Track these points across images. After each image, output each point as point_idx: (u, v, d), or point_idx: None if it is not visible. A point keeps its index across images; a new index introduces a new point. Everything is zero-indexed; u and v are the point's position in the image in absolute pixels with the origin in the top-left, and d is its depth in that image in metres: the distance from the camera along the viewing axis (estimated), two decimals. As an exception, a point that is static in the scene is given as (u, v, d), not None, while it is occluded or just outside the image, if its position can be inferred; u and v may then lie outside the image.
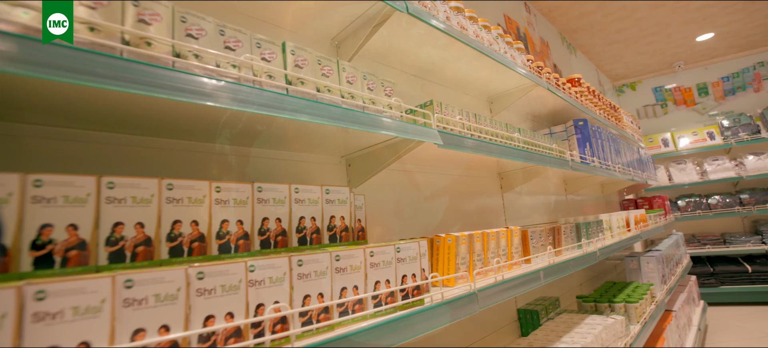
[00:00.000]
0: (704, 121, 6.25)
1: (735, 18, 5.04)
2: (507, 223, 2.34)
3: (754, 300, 5.11)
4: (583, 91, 2.96)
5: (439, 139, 1.22)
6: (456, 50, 1.78)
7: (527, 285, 1.36)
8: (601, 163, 2.59)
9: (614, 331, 1.82)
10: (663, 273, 2.91)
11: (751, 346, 3.66)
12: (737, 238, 5.48)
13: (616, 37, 5.22)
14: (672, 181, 5.90)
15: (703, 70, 6.37)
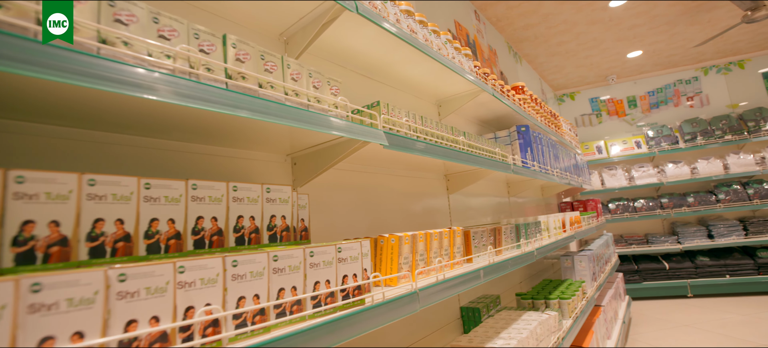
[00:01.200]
0: (633, 131, 6.80)
1: (659, 39, 5.53)
2: (452, 224, 2.41)
3: (670, 294, 5.64)
4: (526, 98, 3.11)
5: (385, 140, 1.23)
6: (405, 53, 1.81)
7: (468, 284, 1.40)
8: (540, 168, 2.74)
9: (548, 326, 1.93)
10: (594, 271, 3.13)
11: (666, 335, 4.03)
12: (658, 238, 6.01)
13: (558, 49, 5.54)
14: (604, 185, 6.36)
15: (633, 84, 6.93)
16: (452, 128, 1.72)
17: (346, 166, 1.75)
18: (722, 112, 6.40)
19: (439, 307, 2.15)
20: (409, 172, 2.16)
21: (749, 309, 4.74)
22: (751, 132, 5.89)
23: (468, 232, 1.63)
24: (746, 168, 5.72)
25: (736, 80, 6.48)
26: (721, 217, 5.99)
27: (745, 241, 5.53)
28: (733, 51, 6.35)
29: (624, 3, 4.47)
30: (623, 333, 3.90)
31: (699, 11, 4.89)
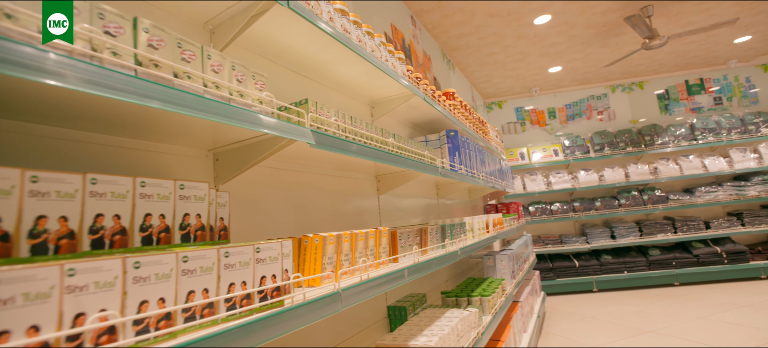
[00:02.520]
0: (552, 140, 7.38)
1: (575, 57, 6.06)
2: (382, 224, 2.44)
3: (579, 289, 6.21)
4: (457, 104, 3.25)
5: (312, 138, 1.22)
6: (338, 52, 1.80)
7: (392, 283, 1.43)
8: (467, 171, 2.87)
9: (469, 323, 2.03)
10: (513, 269, 3.35)
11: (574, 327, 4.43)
12: (570, 238, 6.58)
13: (488, 59, 5.85)
14: (526, 189, 6.83)
15: (553, 97, 7.52)
16: (382, 130, 1.74)
17: (276, 164, 1.71)
18: (625, 126, 7.18)
19: (366, 307, 2.17)
20: (341, 172, 2.16)
21: (642, 300, 5.35)
22: (647, 145, 6.67)
23: (395, 232, 1.67)
24: (642, 177, 6.46)
25: (637, 99, 7.31)
26: (621, 220, 6.71)
27: (640, 241, 6.25)
28: (635, 73, 7.14)
29: (547, 22, 4.84)
30: (538, 326, 4.22)
31: (609, 35, 5.43)
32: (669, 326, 4.23)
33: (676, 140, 6.61)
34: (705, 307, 4.78)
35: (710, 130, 6.58)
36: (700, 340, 3.75)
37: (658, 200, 6.36)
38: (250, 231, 1.54)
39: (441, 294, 2.59)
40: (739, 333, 3.83)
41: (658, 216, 6.69)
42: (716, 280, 5.95)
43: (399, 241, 1.68)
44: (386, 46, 2.18)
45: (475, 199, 4.60)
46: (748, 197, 6.16)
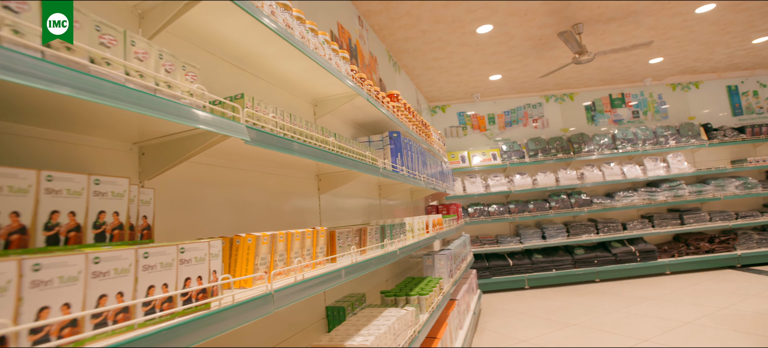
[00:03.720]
0: (490, 144, 7.73)
1: (514, 67, 6.40)
2: (322, 224, 2.42)
3: (513, 286, 6.55)
4: (400, 106, 3.30)
5: (247, 135, 1.18)
6: (280, 48, 1.76)
7: (329, 283, 1.42)
8: (409, 173, 2.92)
9: (406, 321, 2.07)
10: (451, 268, 3.46)
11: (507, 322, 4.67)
12: (505, 238, 6.93)
13: (433, 64, 6.00)
14: (466, 191, 7.09)
15: (493, 104, 7.88)
16: (323, 128, 1.72)
17: (211, 160, 1.63)
18: (557, 134, 7.69)
19: (304, 308, 2.14)
20: (281, 170, 2.11)
21: (568, 296, 5.77)
22: (575, 152, 7.20)
23: (333, 232, 1.66)
24: (571, 181, 6.96)
25: (568, 109, 7.86)
26: (551, 222, 7.18)
27: (567, 241, 6.73)
28: (567, 85, 7.68)
29: (489, 31, 5.06)
30: (474, 323, 4.39)
31: (544, 49, 5.79)
32: (590, 319, 4.60)
33: (600, 149, 7.20)
34: (620, 301, 5.24)
35: (629, 140, 7.24)
36: (614, 330, 4.11)
37: (583, 203, 6.88)
38: (182, 230, 1.46)
39: (380, 293, 2.62)
40: (646, 323, 4.25)
41: (584, 218, 7.24)
42: (630, 276, 6.56)
43: (337, 241, 1.68)
44: (330, 45, 2.17)
45: (417, 200, 4.69)
46: (657, 202, 6.86)
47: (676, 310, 4.66)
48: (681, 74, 7.79)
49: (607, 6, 4.71)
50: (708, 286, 5.58)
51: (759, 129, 7.19)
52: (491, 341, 4.16)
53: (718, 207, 7.17)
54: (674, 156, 7.16)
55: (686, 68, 7.44)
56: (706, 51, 6.60)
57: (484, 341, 4.18)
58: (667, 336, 3.84)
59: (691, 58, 6.86)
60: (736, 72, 7.91)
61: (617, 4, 4.70)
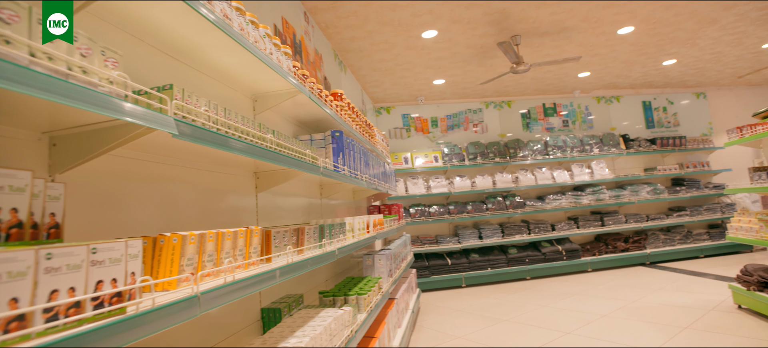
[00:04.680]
0: (433, 147, 7.94)
1: (457, 72, 6.62)
2: (260, 224, 2.35)
3: (451, 285, 6.77)
4: (344, 106, 3.28)
5: (175, 128, 1.11)
6: (217, 38, 1.68)
7: (262, 284, 1.38)
8: (351, 173, 2.92)
9: (343, 321, 2.07)
10: (391, 268, 3.51)
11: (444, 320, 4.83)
12: (445, 239, 7.15)
13: (379, 65, 6.04)
14: (408, 192, 7.22)
15: (436, 107, 8.10)
16: (260, 125, 1.67)
17: (138, 154, 1.52)
18: (495, 139, 8.07)
19: (237, 310, 2.06)
20: (215, 167, 2.02)
21: (501, 293, 6.07)
22: (511, 157, 7.60)
23: (269, 231, 1.61)
24: (506, 184, 7.34)
25: (505, 115, 8.28)
26: (488, 222, 7.52)
27: (502, 241, 7.08)
28: (505, 93, 8.08)
29: (433, 37, 5.19)
30: (412, 321, 4.48)
31: (485, 57, 6.05)
32: (520, 315, 4.87)
33: (533, 154, 7.66)
34: (548, 297, 5.61)
35: (559, 147, 7.77)
36: (541, 324, 4.39)
37: (517, 205, 7.28)
38: (103, 230, 1.34)
39: (319, 294, 2.59)
40: (569, 317, 4.59)
41: (517, 219, 7.66)
42: (557, 274, 7.04)
43: (273, 241, 1.63)
44: (272, 39, 2.11)
45: (359, 199, 4.70)
46: (582, 205, 7.43)
47: (595, 304, 5.07)
48: (605, 88, 8.50)
49: (542, 21, 5.03)
50: (622, 282, 6.14)
51: (667, 141, 8.04)
52: (429, 338, 4.28)
53: (633, 210, 7.91)
54: (597, 163, 7.80)
55: (609, 83, 8.13)
56: (626, 69, 7.25)
57: (421, 338, 4.28)
58: (587, 328, 4.17)
59: (614, 74, 7.51)
60: (650, 89, 8.78)
61: (551, 20, 5.03)
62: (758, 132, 4.25)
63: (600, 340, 3.80)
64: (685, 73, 7.83)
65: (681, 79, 8.29)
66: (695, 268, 6.68)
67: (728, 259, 7.10)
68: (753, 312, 4.16)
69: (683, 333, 3.79)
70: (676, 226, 7.80)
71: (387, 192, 4.61)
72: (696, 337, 3.68)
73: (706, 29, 5.79)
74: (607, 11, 4.92)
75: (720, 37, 6.17)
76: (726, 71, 7.95)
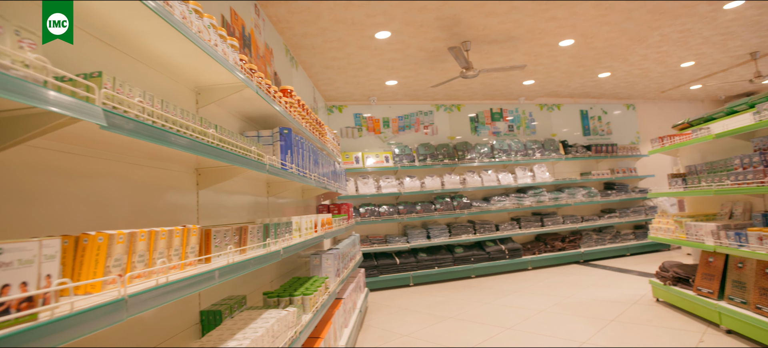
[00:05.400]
0: (384, 147, 8.00)
1: (409, 74, 6.71)
2: (201, 222, 2.25)
3: (399, 284, 6.85)
4: (294, 103, 3.22)
5: (103, 119, 1.04)
6: (155, 25, 1.59)
7: (199, 285, 1.32)
8: (299, 171, 2.87)
9: (286, 322, 2.03)
10: (338, 267, 3.49)
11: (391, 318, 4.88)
12: (394, 238, 7.23)
13: (332, 63, 5.99)
14: (358, 191, 7.22)
15: (388, 108, 8.16)
16: (202, 119, 1.60)
17: (61, 146, 1.40)
18: (444, 141, 8.28)
19: (174, 313, 1.96)
20: (152, 162, 1.90)
21: (448, 292, 6.24)
22: (459, 159, 7.83)
23: (209, 230, 1.55)
24: (454, 185, 7.55)
25: (455, 119, 8.51)
26: (436, 222, 7.70)
27: (449, 240, 7.28)
28: (455, 97, 8.31)
29: (387, 38, 5.22)
30: (359, 320, 4.49)
31: (437, 61, 6.18)
32: (464, 312, 5.03)
33: (480, 157, 7.94)
34: (491, 295, 5.84)
35: (504, 151, 8.12)
36: (484, 321, 4.57)
37: (464, 206, 7.52)
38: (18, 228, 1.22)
39: (263, 295, 2.52)
40: (510, 313, 4.81)
41: (464, 219, 7.91)
42: (500, 272, 7.35)
43: (213, 241, 1.57)
44: (217, 30, 2.02)
45: (308, 198, 4.64)
46: (524, 206, 7.81)
47: (534, 300, 5.35)
48: (547, 96, 8.99)
49: (492, 29, 5.23)
50: (559, 279, 6.53)
51: (601, 148, 8.66)
52: (375, 337, 4.30)
53: (570, 211, 8.43)
54: (539, 167, 8.24)
55: (551, 92, 8.62)
56: (566, 79, 7.72)
57: (368, 337, 4.30)
58: (526, 323, 4.39)
59: (555, 83, 7.97)
60: (587, 99, 9.41)
61: (500, 29, 5.24)
62: (676, 142, 4.69)
63: (537, 334, 4.02)
64: (618, 85, 8.48)
65: (614, 91, 8.96)
66: (622, 265, 7.25)
67: (650, 256, 7.77)
68: (669, 304, 4.59)
69: (610, 325, 4.10)
70: (607, 227, 8.41)
71: (337, 191, 4.58)
72: (620, 328, 4.00)
73: (635, 47, 6.30)
74: (550, 24, 5.20)
75: (647, 55, 6.74)
76: (652, 86, 8.70)
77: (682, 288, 4.31)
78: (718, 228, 3.75)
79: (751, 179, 3.38)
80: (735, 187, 3.55)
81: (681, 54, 6.81)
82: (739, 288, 3.61)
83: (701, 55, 6.91)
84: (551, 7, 4.75)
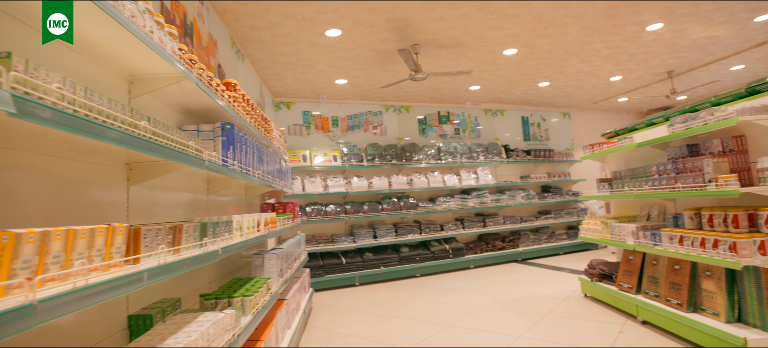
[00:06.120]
0: (333, 146, 7.94)
1: (359, 74, 6.72)
2: (131, 220, 2.10)
3: (345, 284, 6.83)
4: (238, 97, 3.10)
5: (12, 105, 0.94)
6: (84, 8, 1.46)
7: (124, 288, 1.23)
8: (242, 168, 2.77)
9: (223, 325, 1.95)
10: (282, 268, 3.41)
11: (336, 318, 4.85)
12: (340, 238, 7.20)
13: (280, 59, 5.85)
14: (305, 190, 7.11)
15: (338, 107, 8.11)
16: (133, 110, 1.50)
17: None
18: (393, 142, 8.37)
19: (99, 318, 1.82)
20: (74, 154, 1.75)
21: (392, 291, 6.31)
22: (407, 160, 7.95)
23: (138, 229, 1.45)
24: (402, 186, 7.66)
25: (404, 120, 8.63)
26: (383, 222, 7.76)
27: (396, 240, 7.37)
28: (404, 98, 8.43)
29: (337, 36, 5.18)
30: (303, 321, 4.42)
31: (387, 62, 6.23)
32: (408, 310, 5.12)
33: (427, 158, 8.11)
34: (435, 293, 5.99)
35: (450, 153, 8.36)
36: (427, 318, 4.67)
37: (411, 206, 7.65)
38: None
39: (199, 297, 2.41)
40: (452, 310, 4.96)
41: (410, 219, 8.04)
42: (444, 271, 7.56)
43: (143, 240, 1.47)
44: (154, 16, 1.90)
45: (252, 197, 4.49)
46: (468, 207, 8.09)
47: (475, 297, 5.56)
48: (492, 102, 9.38)
49: (440, 34, 5.36)
50: (498, 277, 6.84)
51: (539, 153, 9.19)
52: (319, 338, 4.26)
53: (510, 213, 8.85)
54: (482, 169, 8.57)
55: (495, 98, 9.00)
56: (509, 86, 8.10)
57: (312, 338, 4.24)
58: (467, 320, 4.55)
59: (499, 90, 8.33)
60: (528, 106, 9.94)
61: (448, 35, 5.39)
62: (604, 149, 5.08)
63: (477, 330, 4.18)
64: (556, 94, 9.03)
65: (552, 100, 9.54)
66: (556, 263, 7.73)
67: (581, 255, 8.35)
68: (595, 299, 4.96)
69: (543, 320, 4.36)
70: (543, 227, 8.93)
71: (282, 190, 4.48)
72: (552, 322, 4.26)
73: (571, 59, 6.75)
74: (496, 33, 5.43)
75: (581, 68, 7.24)
76: (585, 96, 9.36)
77: (607, 284, 4.68)
78: (637, 229, 4.11)
79: (664, 185, 3.74)
80: (651, 192, 3.91)
81: (610, 68, 7.39)
82: (653, 283, 3.98)
83: (628, 70, 7.55)
84: (496, 17, 4.96)
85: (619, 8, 4.98)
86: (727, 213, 3.17)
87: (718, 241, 3.10)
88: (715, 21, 5.58)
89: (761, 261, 2.87)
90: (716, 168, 3.23)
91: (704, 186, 3.26)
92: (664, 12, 5.19)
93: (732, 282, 3.23)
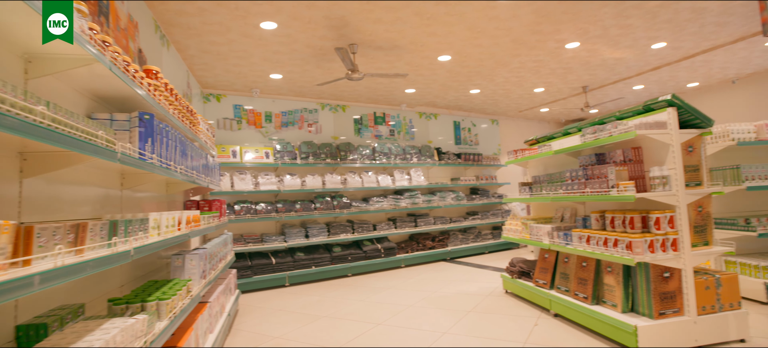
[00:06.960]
0: (265, 142, 7.68)
1: (295, 70, 6.57)
2: (23, 217, 1.86)
3: (274, 284, 6.65)
4: (160, 86, 2.88)
5: None
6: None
7: (8, 294, 1.09)
8: (161, 162, 2.58)
9: (133, 331, 1.80)
10: (204, 269, 3.23)
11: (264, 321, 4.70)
12: (271, 237, 6.99)
13: (210, 48, 5.53)
14: (234, 187, 6.81)
15: (271, 102, 7.86)
16: (28, 92, 1.33)
17: None
18: (328, 140, 8.29)
19: (-22, 328, 1.59)
20: (-49, 139, 1.51)
21: (324, 291, 6.25)
22: (341, 159, 7.93)
23: (30, 227, 1.29)
24: (335, 185, 7.61)
25: (340, 119, 8.59)
26: (315, 221, 7.66)
27: (328, 240, 7.31)
28: (341, 97, 8.39)
29: (273, 29, 5.02)
30: (228, 324, 4.22)
31: (324, 59, 6.16)
32: (339, 310, 5.10)
33: (362, 158, 8.15)
34: (366, 292, 6.03)
35: (385, 154, 8.47)
36: (358, 318, 4.69)
37: (344, 206, 7.63)
38: None
39: (107, 301, 2.20)
40: (382, 309, 5.03)
41: (343, 219, 8.02)
42: (376, 270, 7.64)
43: (37, 240, 1.31)
44: (57, -11, 1.70)
45: (174, 193, 4.20)
46: (400, 207, 8.25)
47: (404, 296, 5.69)
48: (426, 106, 9.66)
49: (378, 36, 5.41)
50: (428, 276, 7.06)
51: (469, 156, 9.63)
52: (245, 340, 4.09)
53: (440, 213, 9.18)
54: (415, 171, 8.80)
55: (429, 101, 9.28)
56: (443, 91, 8.40)
57: (237, 342, 4.07)
58: (396, 318, 4.64)
59: (433, 94, 8.60)
60: (460, 111, 10.38)
61: (385, 37, 5.45)
62: (526, 155, 5.46)
63: (405, 328, 4.27)
64: (485, 102, 9.53)
65: (482, 107, 10.05)
66: (482, 261, 8.15)
67: (504, 254, 8.89)
68: (515, 295, 5.31)
69: (467, 316, 4.58)
70: (471, 228, 9.38)
71: (209, 187, 4.24)
72: (475, 317, 4.49)
73: (500, 70, 7.16)
74: (431, 39, 5.60)
75: (509, 78, 7.71)
76: (512, 105, 9.99)
77: (525, 280, 5.03)
78: (552, 229, 4.47)
79: (576, 190, 4.11)
80: (565, 196, 4.27)
81: (534, 80, 7.96)
82: (564, 279, 4.36)
83: (549, 83, 8.18)
84: (432, 23, 5.12)
85: (542, 25, 5.38)
86: (626, 215, 3.56)
87: (617, 240, 3.47)
88: (621, 44, 6.24)
89: (650, 258, 3.27)
90: (618, 175, 3.62)
91: (608, 191, 3.63)
92: (581, 32, 5.70)
93: (628, 277, 3.64)
